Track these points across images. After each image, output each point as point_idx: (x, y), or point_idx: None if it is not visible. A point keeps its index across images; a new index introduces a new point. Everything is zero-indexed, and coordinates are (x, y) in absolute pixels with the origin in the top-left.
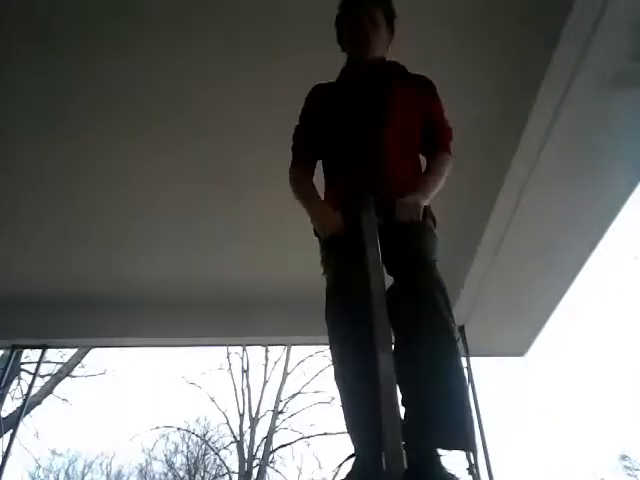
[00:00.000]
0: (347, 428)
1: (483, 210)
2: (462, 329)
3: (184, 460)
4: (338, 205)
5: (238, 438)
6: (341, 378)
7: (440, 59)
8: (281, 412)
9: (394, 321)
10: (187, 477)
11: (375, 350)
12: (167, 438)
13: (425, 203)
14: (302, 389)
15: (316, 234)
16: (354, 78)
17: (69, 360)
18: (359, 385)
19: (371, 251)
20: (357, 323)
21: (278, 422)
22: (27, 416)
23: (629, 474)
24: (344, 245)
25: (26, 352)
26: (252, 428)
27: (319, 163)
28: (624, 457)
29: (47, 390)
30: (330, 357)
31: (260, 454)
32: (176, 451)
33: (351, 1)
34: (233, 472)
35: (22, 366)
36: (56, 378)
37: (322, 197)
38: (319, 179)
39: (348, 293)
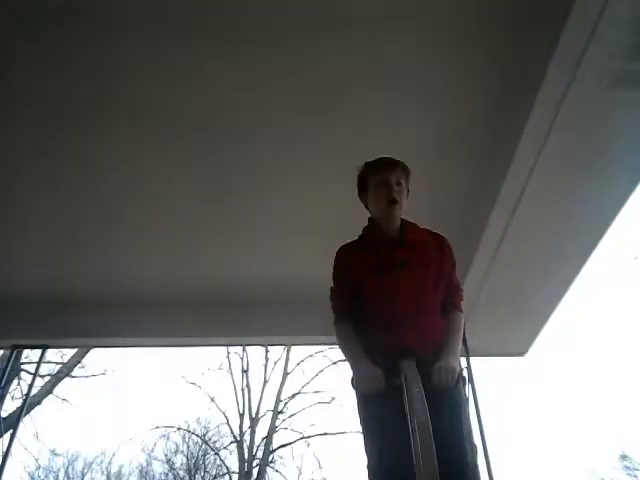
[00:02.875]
0: None
1: (483, 210)
2: None
3: (184, 460)
4: (378, 362)
5: (238, 438)
6: None
7: (439, 60)
8: (281, 412)
9: None
10: (187, 477)
11: None
12: (167, 438)
13: (458, 367)
14: (302, 389)
15: (352, 385)
16: (382, 244)
17: (69, 360)
18: None
19: (421, 409)
20: None
21: (278, 422)
22: (27, 416)
23: (629, 474)
24: (383, 402)
25: (26, 352)
26: (252, 428)
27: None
28: (624, 457)
29: (47, 390)
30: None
31: (260, 454)
32: (176, 451)
33: (381, 165)
34: (233, 472)
35: (22, 366)
36: (56, 378)
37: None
38: None
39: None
